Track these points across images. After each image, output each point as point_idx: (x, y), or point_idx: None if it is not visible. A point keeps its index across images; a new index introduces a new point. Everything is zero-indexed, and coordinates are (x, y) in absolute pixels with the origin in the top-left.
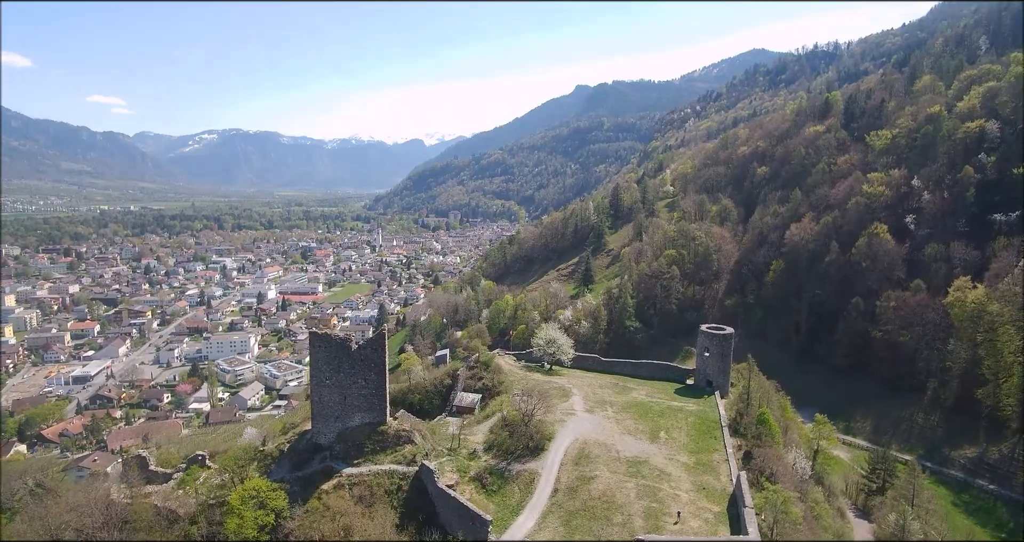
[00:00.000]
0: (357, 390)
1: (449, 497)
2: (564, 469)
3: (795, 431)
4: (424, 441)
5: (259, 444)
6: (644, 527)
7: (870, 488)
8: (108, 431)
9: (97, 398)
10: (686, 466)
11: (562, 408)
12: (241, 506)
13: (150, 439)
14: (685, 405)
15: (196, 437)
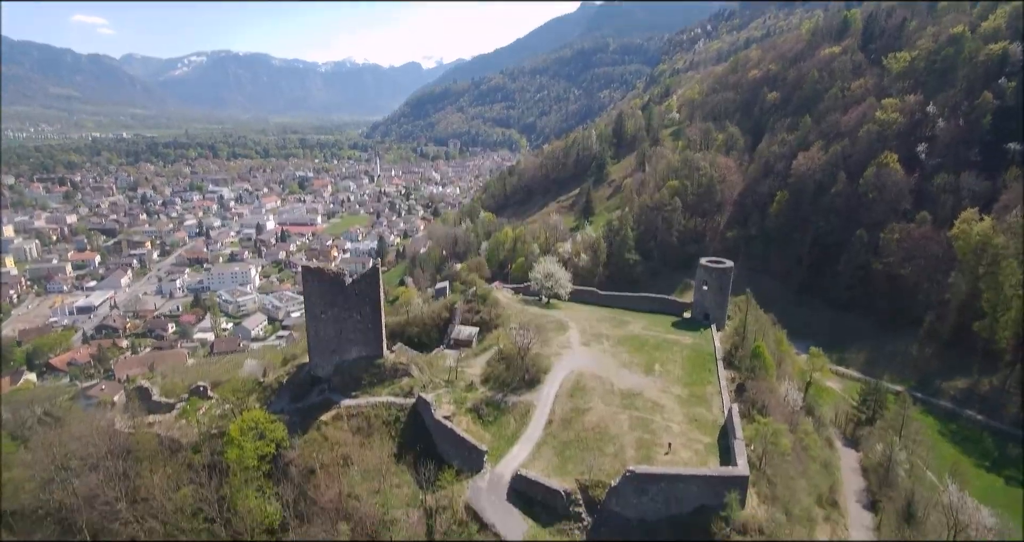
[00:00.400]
0: (352, 324)
1: (446, 428)
2: (559, 401)
3: (789, 364)
4: (421, 374)
5: (259, 376)
6: (635, 457)
7: (859, 419)
8: (115, 360)
9: (102, 328)
10: (679, 398)
11: (558, 342)
12: (240, 437)
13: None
14: (681, 338)
15: (201, 367)
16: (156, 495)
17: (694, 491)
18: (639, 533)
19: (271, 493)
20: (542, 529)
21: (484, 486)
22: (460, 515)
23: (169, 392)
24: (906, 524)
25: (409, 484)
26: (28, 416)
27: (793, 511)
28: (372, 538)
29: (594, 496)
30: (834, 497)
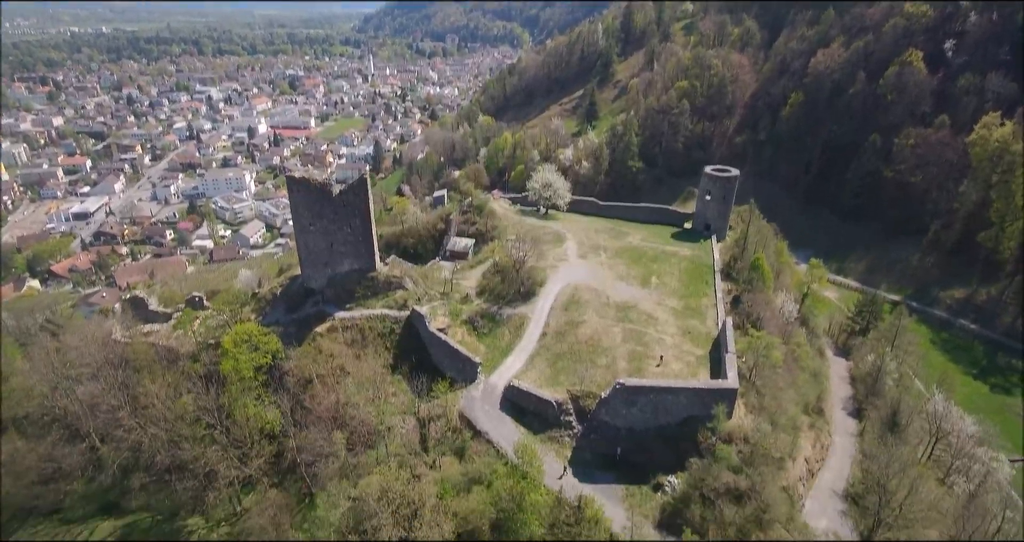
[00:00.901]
0: (343, 237)
1: (440, 340)
2: (554, 314)
3: (788, 274)
4: (416, 286)
5: (254, 286)
6: (627, 369)
7: (853, 329)
8: (115, 267)
9: (100, 235)
10: (674, 311)
11: (555, 254)
12: (234, 349)
13: (156, 276)
14: (680, 250)
15: (200, 275)
16: (156, 404)
17: (683, 403)
18: (627, 441)
19: (269, 402)
20: (533, 436)
21: (478, 396)
22: (454, 423)
23: (168, 301)
24: (889, 431)
25: (405, 392)
26: (30, 324)
27: (779, 421)
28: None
29: (585, 406)
30: (820, 406)
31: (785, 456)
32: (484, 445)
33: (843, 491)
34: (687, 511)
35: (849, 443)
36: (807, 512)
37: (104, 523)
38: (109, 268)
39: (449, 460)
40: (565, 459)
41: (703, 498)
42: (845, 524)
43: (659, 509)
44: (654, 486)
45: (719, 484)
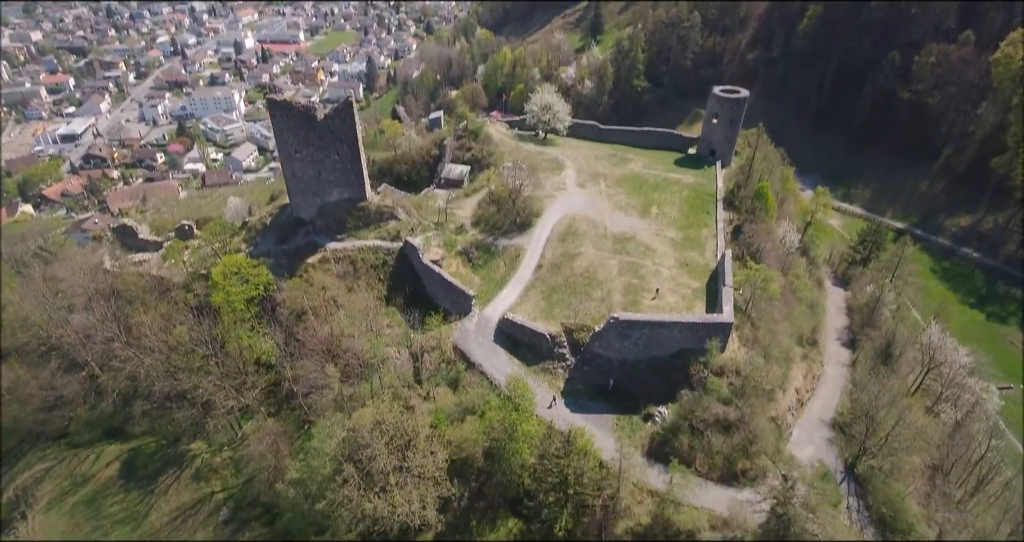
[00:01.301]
0: (330, 164)
1: (434, 273)
2: (550, 245)
3: (792, 203)
4: (409, 217)
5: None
6: (622, 303)
7: (854, 259)
8: (108, 192)
9: (90, 158)
10: (673, 242)
11: (553, 182)
12: (224, 281)
13: (148, 201)
14: (683, 177)
15: (192, 201)
16: (149, 335)
17: (676, 336)
18: (620, 372)
19: (263, 333)
20: (527, 368)
21: (472, 328)
22: (448, 355)
23: (160, 228)
24: (881, 362)
25: (400, 324)
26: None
27: (772, 353)
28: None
29: (578, 339)
30: (815, 337)
31: (776, 388)
32: (478, 377)
33: (831, 420)
34: (675, 441)
35: (841, 373)
36: (794, 440)
37: (110, 447)
38: (101, 192)
39: (443, 391)
40: (558, 390)
41: (692, 429)
42: (830, 452)
43: (649, 438)
44: (645, 416)
45: (708, 415)
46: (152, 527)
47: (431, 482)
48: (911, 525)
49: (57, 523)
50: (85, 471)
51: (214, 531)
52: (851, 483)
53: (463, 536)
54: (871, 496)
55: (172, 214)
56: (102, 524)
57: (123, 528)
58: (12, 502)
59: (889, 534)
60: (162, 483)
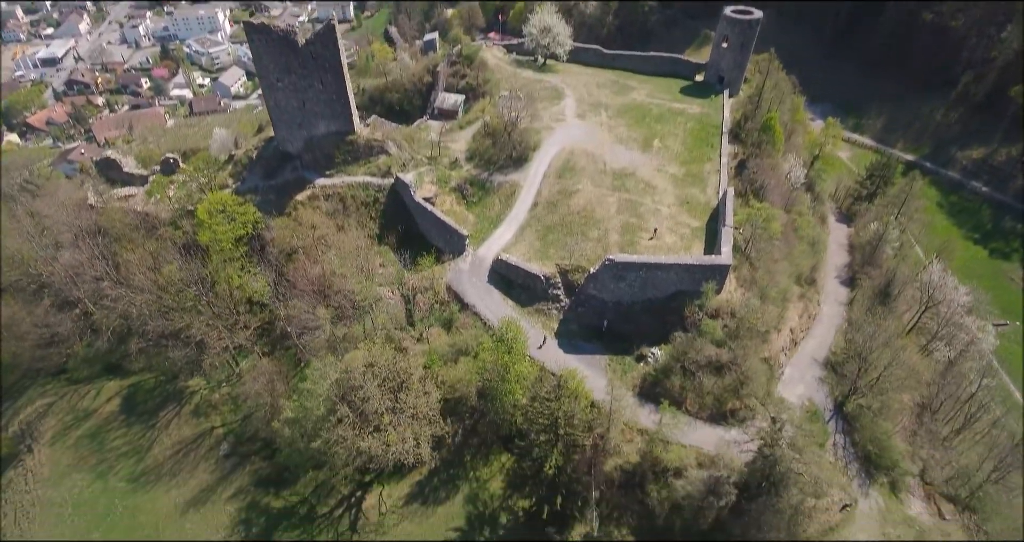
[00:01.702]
0: (315, 95)
1: (427, 211)
2: (547, 181)
3: (800, 135)
4: (400, 151)
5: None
6: (619, 243)
7: (860, 194)
8: (93, 119)
9: (73, 83)
10: (674, 178)
11: (552, 113)
12: (210, 220)
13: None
14: (688, 107)
15: (179, 130)
16: (137, 274)
17: (672, 278)
18: (614, 313)
19: (254, 273)
20: (521, 309)
21: (466, 269)
22: (442, 296)
23: (146, 160)
24: (879, 301)
25: (393, 263)
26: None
27: (769, 294)
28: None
29: (573, 280)
30: (814, 276)
31: (771, 329)
32: (471, 318)
33: (824, 359)
34: (667, 382)
35: (837, 312)
36: (785, 379)
37: (109, 383)
38: (87, 120)
39: (437, 332)
40: (552, 331)
41: (684, 370)
42: (821, 390)
43: (641, 379)
44: (638, 357)
45: (701, 357)
46: (155, 460)
47: (425, 421)
48: (895, 461)
49: (62, 457)
50: (86, 406)
51: (215, 465)
52: (839, 421)
53: (457, 471)
54: (858, 433)
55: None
56: (107, 457)
57: (127, 461)
58: (17, 436)
59: (873, 470)
60: (163, 418)
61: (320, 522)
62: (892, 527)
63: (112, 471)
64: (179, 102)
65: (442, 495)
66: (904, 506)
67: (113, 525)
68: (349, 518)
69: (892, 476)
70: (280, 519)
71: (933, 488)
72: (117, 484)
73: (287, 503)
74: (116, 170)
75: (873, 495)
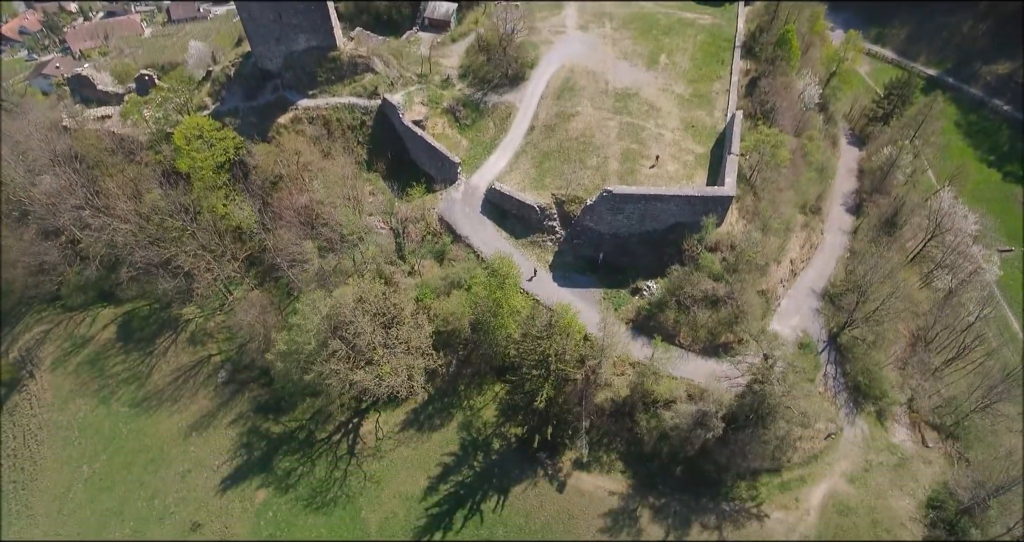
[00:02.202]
0: (291, 5)
1: (417, 136)
2: (544, 103)
3: (818, 48)
4: (388, 68)
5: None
6: (618, 171)
7: (876, 114)
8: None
9: None
10: (680, 99)
11: (552, 23)
12: (187, 146)
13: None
14: (699, 17)
15: (156, 41)
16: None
17: (672, 210)
18: (610, 246)
19: (239, 200)
20: (515, 241)
21: (458, 198)
22: (434, 226)
23: (122, 75)
24: (884, 231)
25: (384, 191)
26: None
27: (772, 225)
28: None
29: (569, 211)
30: (819, 204)
31: (770, 262)
32: (464, 250)
33: (822, 290)
34: (661, 316)
35: (840, 242)
36: (782, 311)
37: (104, 311)
38: (61, 30)
39: (429, 264)
40: (546, 263)
41: (679, 304)
42: (816, 321)
43: (635, 312)
44: (633, 290)
45: (697, 292)
46: (155, 386)
47: (418, 354)
48: (884, 391)
49: (64, 382)
50: (83, 333)
51: (215, 391)
52: (832, 352)
53: (451, 400)
54: (850, 364)
55: (135, 58)
56: (108, 383)
57: (128, 387)
58: (18, 362)
59: (861, 399)
60: (160, 345)
61: (319, 446)
62: (875, 454)
63: (114, 396)
64: (156, 8)
65: (436, 422)
66: (889, 434)
67: (119, 447)
68: (347, 443)
69: (879, 405)
70: (280, 443)
71: (919, 416)
72: (120, 409)
73: (286, 428)
74: (90, 88)
75: (859, 423)
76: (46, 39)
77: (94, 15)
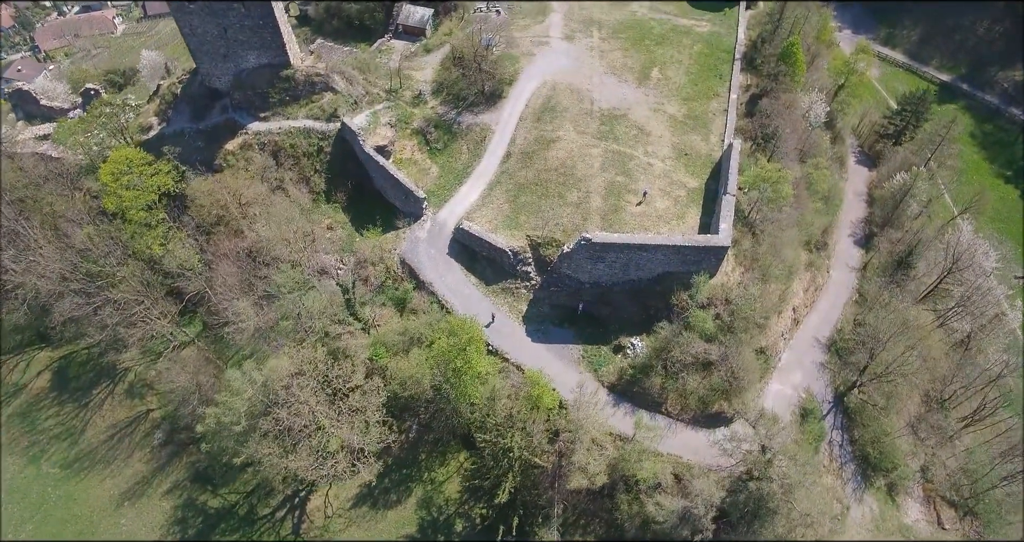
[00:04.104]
0: (237, 19)
1: (378, 165)
2: (522, 125)
3: (825, 58)
4: (351, 85)
5: (161, 73)
6: (601, 209)
7: (887, 130)
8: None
9: None
10: (673, 120)
11: (535, 33)
12: (114, 184)
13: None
14: (697, 24)
15: (126, 41)
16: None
17: (660, 259)
18: (591, 295)
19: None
20: (486, 287)
21: (423, 237)
22: (395, 270)
23: (78, 80)
24: (896, 269)
25: (344, 225)
26: None
27: (773, 272)
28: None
29: (546, 256)
30: (825, 239)
31: (771, 314)
32: (427, 298)
33: (827, 339)
34: (647, 381)
35: (847, 280)
36: (782, 365)
37: (41, 353)
38: (34, 26)
39: (388, 314)
40: (519, 313)
41: (666, 368)
42: (820, 378)
43: (617, 373)
44: (615, 347)
45: (687, 357)
46: (89, 444)
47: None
48: (896, 464)
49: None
50: (16, 380)
51: (151, 454)
52: (838, 415)
53: (410, 471)
54: (858, 430)
55: (95, 63)
56: (39, 439)
57: (60, 444)
58: None
59: (871, 472)
60: (96, 397)
61: (261, 524)
62: (885, 537)
63: (45, 455)
64: (132, 3)
65: (393, 498)
66: (901, 512)
67: (47, 515)
68: (292, 520)
69: (891, 478)
70: (218, 520)
71: (934, 488)
72: (50, 470)
73: (225, 502)
74: (33, 103)
75: (868, 501)
76: (17, 36)
77: (69, 9)
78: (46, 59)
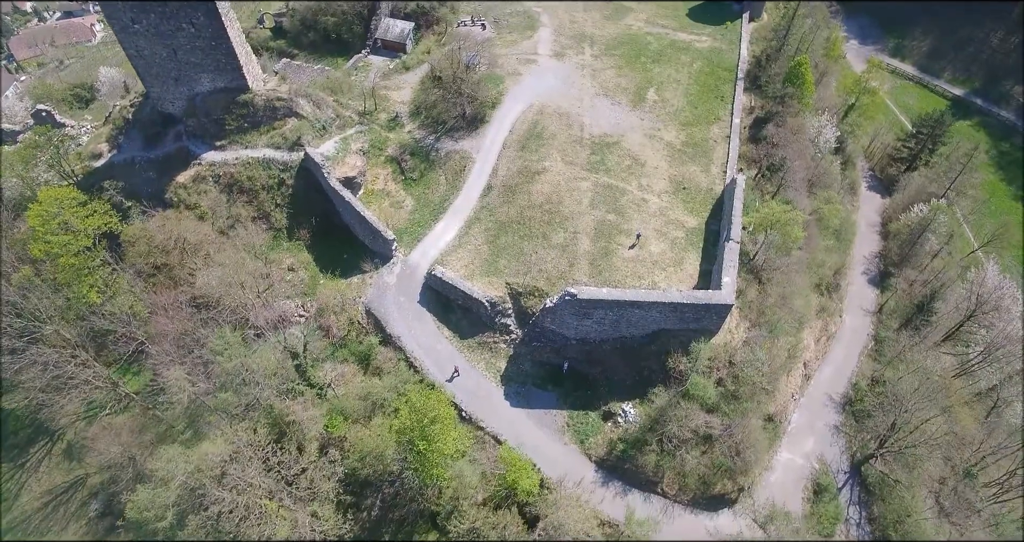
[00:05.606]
0: (187, 40)
1: (345, 201)
2: (506, 154)
3: (834, 75)
4: (318, 110)
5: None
6: (590, 252)
7: (900, 155)
8: (18, 30)
9: None
10: (670, 149)
11: (522, 49)
12: (43, 228)
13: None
14: (696, 39)
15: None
16: None
17: (654, 317)
18: (577, 352)
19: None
20: (461, 341)
21: (392, 282)
22: (359, 320)
23: (43, 95)
24: (917, 313)
25: (307, 266)
26: None
27: (781, 325)
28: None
29: (527, 307)
30: (838, 280)
31: (780, 375)
32: (395, 354)
33: (842, 396)
34: (640, 457)
35: (862, 326)
36: (793, 430)
37: None
38: (12, 33)
39: (350, 371)
40: (498, 372)
41: (662, 444)
42: (835, 443)
43: (607, 446)
44: (604, 414)
45: (685, 431)
46: (23, 512)
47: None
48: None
49: None
50: None
51: (87, 526)
52: (854, 488)
53: None
54: (877, 507)
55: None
56: None
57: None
58: None
59: None
60: (33, 456)
61: None
62: None
63: None
64: None
65: None
66: None
67: None
68: None
69: None
70: None
71: None
72: None
73: None
74: None
75: None
76: None
77: (50, 15)
78: (18, 70)
